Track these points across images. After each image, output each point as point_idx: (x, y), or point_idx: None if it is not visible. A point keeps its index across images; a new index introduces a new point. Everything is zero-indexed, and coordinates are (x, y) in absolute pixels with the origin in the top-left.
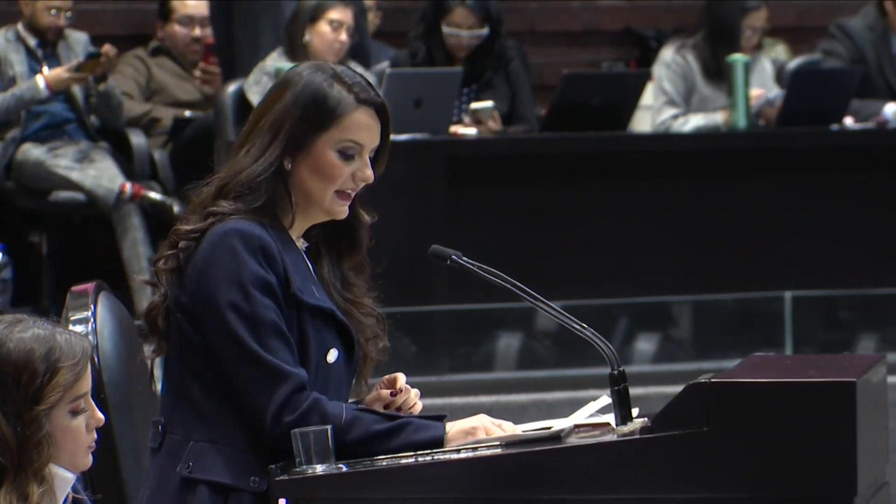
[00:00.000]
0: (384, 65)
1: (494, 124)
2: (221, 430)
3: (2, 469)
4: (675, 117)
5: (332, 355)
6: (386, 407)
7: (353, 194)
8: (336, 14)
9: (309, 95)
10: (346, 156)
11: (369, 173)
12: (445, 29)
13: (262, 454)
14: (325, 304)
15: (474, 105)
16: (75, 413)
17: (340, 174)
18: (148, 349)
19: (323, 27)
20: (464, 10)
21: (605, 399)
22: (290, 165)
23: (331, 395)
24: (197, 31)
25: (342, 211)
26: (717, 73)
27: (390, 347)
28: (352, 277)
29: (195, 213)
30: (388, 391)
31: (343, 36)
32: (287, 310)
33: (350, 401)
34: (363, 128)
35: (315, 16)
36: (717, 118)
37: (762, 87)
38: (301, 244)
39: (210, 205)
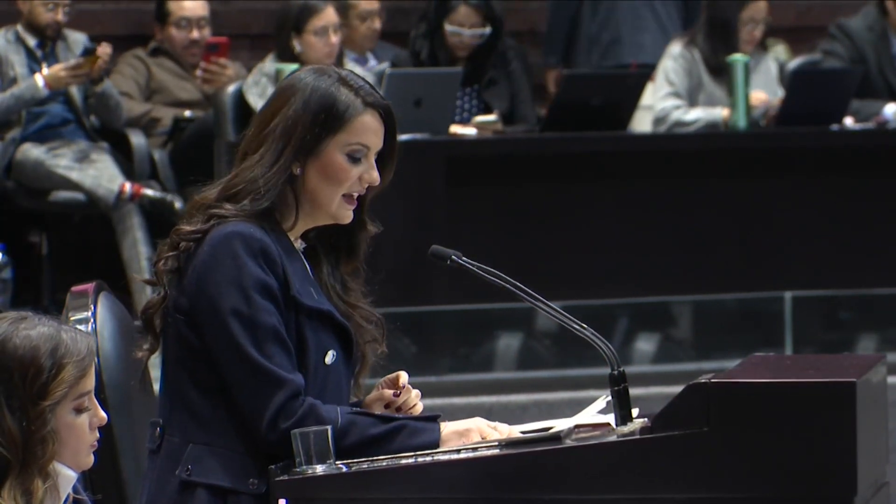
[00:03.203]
0: (385, 65)
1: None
2: (219, 434)
3: (6, 465)
4: (677, 108)
5: (330, 357)
6: (387, 406)
7: (356, 198)
8: (319, 21)
9: (318, 100)
10: (354, 159)
11: (376, 175)
12: (448, 27)
13: (261, 457)
14: (323, 305)
15: (479, 119)
16: (79, 411)
17: (348, 177)
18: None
19: (310, 38)
20: (468, 8)
21: (606, 399)
22: (299, 170)
23: (329, 396)
24: (195, 34)
25: (348, 215)
26: (719, 69)
27: (390, 347)
28: (349, 282)
29: (198, 212)
30: (392, 391)
31: (332, 38)
32: (286, 312)
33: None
34: (370, 130)
35: (299, 27)
36: (718, 113)
37: (767, 89)
38: (299, 245)
39: (213, 206)
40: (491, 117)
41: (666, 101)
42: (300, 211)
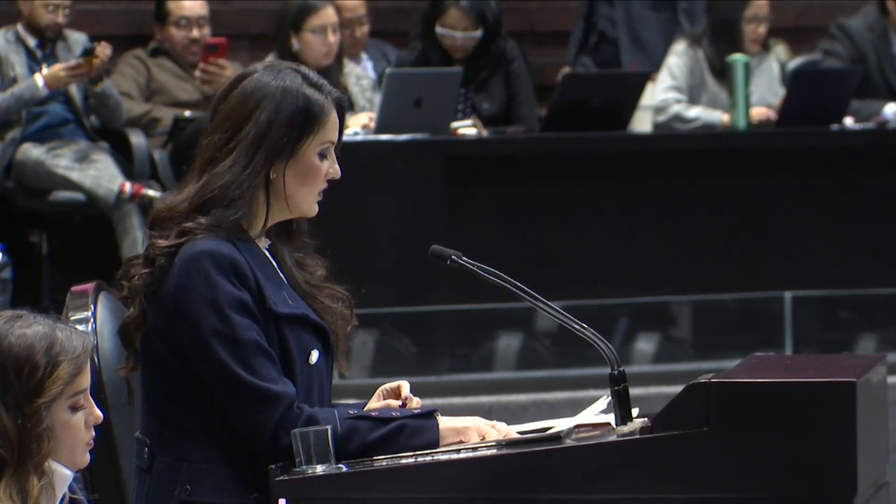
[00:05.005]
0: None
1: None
2: (213, 450)
3: (2, 463)
4: (678, 101)
5: (314, 357)
6: None
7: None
8: (317, 20)
9: (291, 102)
10: (323, 156)
11: (338, 169)
12: (439, 29)
13: (258, 469)
14: (298, 310)
15: (461, 130)
16: (75, 409)
17: (322, 176)
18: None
19: (308, 37)
20: (458, 11)
21: (607, 400)
22: (275, 174)
23: (315, 394)
24: (195, 33)
25: (316, 209)
26: (723, 70)
27: (390, 348)
28: (302, 259)
29: (171, 223)
30: (396, 403)
31: (331, 38)
32: (265, 323)
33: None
34: (335, 127)
35: (297, 26)
36: (718, 116)
37: (769, 89)
38: (264, 244)
39: (186, 219)
40: (467, 122)
41: (667, 93)
42: (270, 211)
